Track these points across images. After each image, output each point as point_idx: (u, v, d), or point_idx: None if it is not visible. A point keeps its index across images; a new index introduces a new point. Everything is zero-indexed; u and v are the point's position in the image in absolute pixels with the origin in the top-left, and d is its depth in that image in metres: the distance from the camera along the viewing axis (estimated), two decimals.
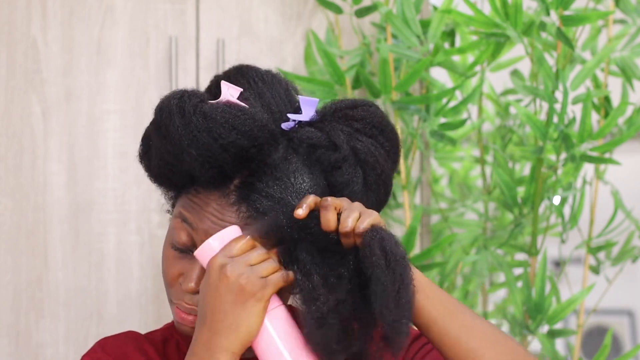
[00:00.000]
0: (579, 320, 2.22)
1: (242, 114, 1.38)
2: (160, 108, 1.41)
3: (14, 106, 2.00)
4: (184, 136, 1.37)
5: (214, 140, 1.37)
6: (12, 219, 1.99)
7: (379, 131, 1.44)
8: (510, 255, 2.33)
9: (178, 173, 1.42)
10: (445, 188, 2.68)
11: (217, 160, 1.38)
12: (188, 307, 1.42)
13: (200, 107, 1.38)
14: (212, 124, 1.37)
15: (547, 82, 2.05)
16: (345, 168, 1.40)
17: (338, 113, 1.44)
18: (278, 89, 1.46)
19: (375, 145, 1.42)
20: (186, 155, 1.38)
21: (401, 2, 2.02)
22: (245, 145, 1.37)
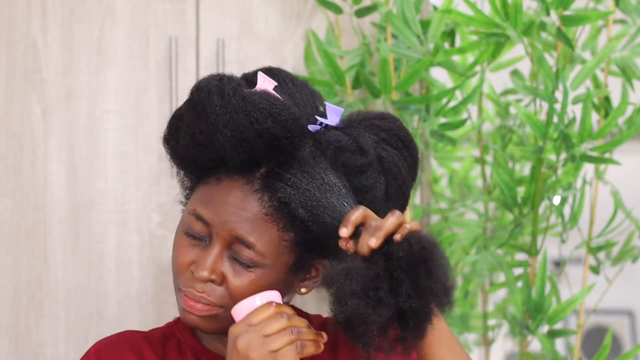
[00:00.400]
0: (579, 320, 2.22)
1: (280, 103, 1.40)
2: (198, 87, 1.41)
3: (14, 106, 2.00)
4: (221, 116, 1.38)
5: (250, 124, 1.38)
6: (12, 219, 1.99)
7: (404, 145, 1.47)
8: (510, 255, 2.33)
9: (207, 154, 1.42)
10: (445, 188, 2.68)
11: (250, 145, 1.38)
12: (198, 294, 1.42)
13: (240, 90, 1.39)
14: (251, 108, 1.38)
15: (547, 82, 2.05)
16: (370, 173, 1.42)
17: (365, 122, 1.47)
18: (306, 92, 1.49)
19: (399, 157, 1.45)
20: (220, 136, 1.38)
21: (401, 2, 2.02)
22: (278, 134, 1.38)
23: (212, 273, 1.41)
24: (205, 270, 1.41)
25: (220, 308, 1.43)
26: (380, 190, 1.42)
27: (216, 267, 1.42)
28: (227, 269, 1.42)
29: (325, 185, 1.39)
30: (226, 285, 1.42)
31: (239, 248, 1.41)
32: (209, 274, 1.41)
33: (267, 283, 1.43)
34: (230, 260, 1.42)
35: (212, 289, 1.42)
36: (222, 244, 1.42)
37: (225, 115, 1.38)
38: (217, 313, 1.43)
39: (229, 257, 1.42)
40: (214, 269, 1.42)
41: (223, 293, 1.42)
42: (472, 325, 2.44)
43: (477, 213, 2.37)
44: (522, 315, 2.11)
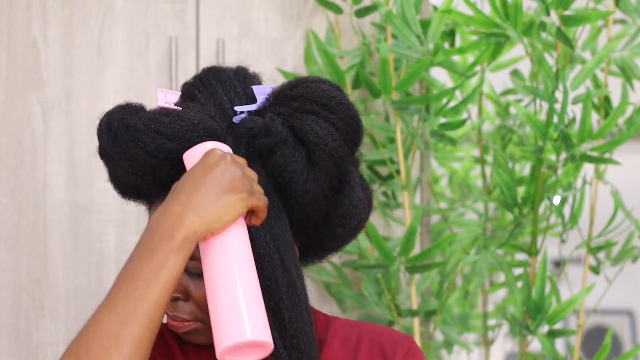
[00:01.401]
0: (579, 320, 2.22)
1: (167, 117, 1.39)
2: (97, 129, 1.43)
3: (14, 106, 2.00)
4: (113, 151, 1.40)
5: (140, 149, 1.38)
6: (12, 219, 1.99)
7: (321, 106, 1.41)
8: (510, 255, 2.33)
9: (127, 187, 1.44)
10: (445, 188, 2.68)
11: (149, 168, 1.39)
12: (171, 314, 1.44)
13: (125, 119, 1.40)
14: (135, 133, 1.38)
15: (547, 82, 2.05)
16: (282, 150, 1.39)
17: (280, 95, 1.43)
18: (235, 85, 1.45)
19: (316, 121, 1.40)
20: (120, 169, 1.40)
21: (401, 2, 2.02)
22: (173, 147, 1.38)
23: (175, 292, 1.42)
24: None
25: (196, 322, 1.44)
26: (298, 164, 1.39)
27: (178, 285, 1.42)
28: (187, 284, 1.42)
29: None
30: (192, 299, 1.42)
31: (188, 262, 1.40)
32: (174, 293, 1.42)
33: None
34: (187, 274, 1.42)
35: (181, 306, 1.43)
36: None
37: (116, 149, 1.39)
38: (196, 327, 1.44)
39: (185, 273, 1.42)
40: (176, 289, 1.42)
41: (192, 307, 1.43)
42: (472, 325, 2.44)
43: (477, 213, 2.37)
44: (522, 315, 2.11)
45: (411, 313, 2.08)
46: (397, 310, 2.09)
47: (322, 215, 1.44)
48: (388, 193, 2.21)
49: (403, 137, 2.12)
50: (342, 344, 1.51)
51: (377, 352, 1.50)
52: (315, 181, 1.40)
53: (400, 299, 2.14)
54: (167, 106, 1.41)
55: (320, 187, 1.41)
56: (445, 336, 2.33)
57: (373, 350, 1.50)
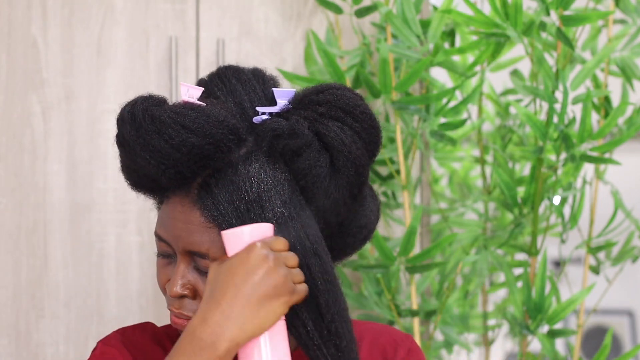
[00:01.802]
0: (579, 320, 2.22)
1: (193, 112, 1.38)
2: (117, 119, 1.42)
3: (14, 106, 2.00)
4: (136, 142, 1.39)
5: (164, 142, 1.37)
6: (12, 219, 1.99)
7: (346, 113, 1.41)
8: (510, 255, 2.33)
9: (143, 179, 1.43)
10: (445, 188, 2.68)
11: (171, 161, 1.38)
12: (177, 311, 1.43)
13: (150, 110, 1.38)
14: (161, 125, 1.37)
15: (547, 82, 2.05)
16: (307, 154, 1.39)
17: (304, 100, 1.43)
18: (254, 85, 1.45)
19: (341, 128, 1.40)
20: (141, 160, 1.39)
21: (401, 2, 2.02)
22: (197, 142, 1.37)
23: (183, 288, 1.42)
24: (175, 287, 1.42)
25: None
26: (322, 168, 1.39)
27: (185, 282, 1.42)
28: (196, 281, 1.42)
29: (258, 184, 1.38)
30: (199, 297, 1.42)
31: (198, 260, 1.41)
32: (180, 290, 1.42)
33: None
34: (197, 272, 1.42)
35: (188, 304, 1.43)
36: (183, 260, 1.42)
37: (139, 140, 1.38)
38: None
39: (195, 269, 1.42)
40: (183, 285, 1.42)
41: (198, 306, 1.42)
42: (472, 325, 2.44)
43: (477, 213, 2.37)
44: (522, 315, 2.12)
45: (411, 313, 2.08)
46: (397, 310, 2.09)
47: (339, 222, 1.44)
48: (388, 193, 2.21)
49: (403, 137, 2.12)
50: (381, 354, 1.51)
51: (378, 352, 1.50)
52: (337, 187, 1.40)
53: (400, 299, 2.14)
54: (192, 101, 1.41)
55: (341, 193, 1.41)
56: (445, 336, 2.33)
57: (373, 351, 1.50)
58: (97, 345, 1.48)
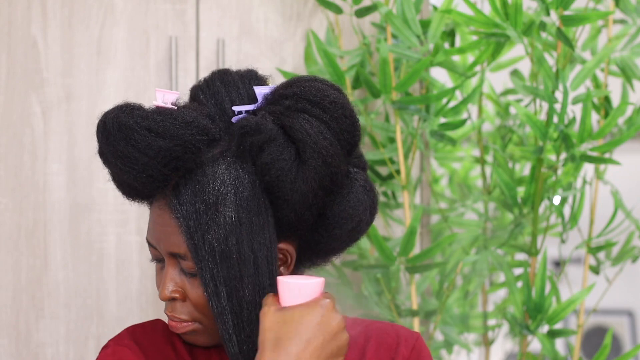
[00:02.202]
0: (579, 320, 2.22)
1: (160, 116, 1.40)
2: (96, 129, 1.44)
3: (14, 106, 2.00)
4: (108, 151, 1.41)
5: (132, 147, 1.39)
6: (12, 219, 2.00)
7: (313, 104, 1.41)
8: (510, 255, 2.33)
9: (124, 187, 1.45)
10: (445, 188, 2.68)
11: (140, 166, 1.39)
12: (170, 315, 1.44)
13: (118, 118, 1.41)
14: (127, 131, 1.39)
15: (547, 82, 2.05)
16: (270, 149, 1.39)
17: (274, 94, 1.43)
18: (239, 86, 1.45)
19: (307, 120, 1.40)
20: (114, 168, 1.42)
21: (401, 2, 2.02)
22: (164, 145, 1.38)
23: (172, 292, 1.43)
24: (164, 291, 1.44)
25: (194, 323, 1.44)
26: (286, 162, 1.39)
27: (173, 285, 1.43)
28: (184, 284, 1.43)
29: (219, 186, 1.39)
30: (189, 300, 1.43)
31: (180, 261, 1.43)
32: (169, 294, 1.43)
33: None
34: (184, 275, 1.43)
35: (180, 306, 1.44)
36: (170, 262, 1.44)
37: (110, 148, 1.40)
38: (194, 328, 1.45)
39: (181, 272, 1.44)
40: (172, 289, 1.43)
41: (190, 308, 1.44)
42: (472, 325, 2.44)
43: (477, 213, 2.37)
44: (522, 315, 2.11)
45: (411, 313, 2.08)
46: (397, 310, 2.09)
47: (314, 214, 1.43)
48: (388, 193, 2.21)
49: (403, 137, 2.11)
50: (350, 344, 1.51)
51: (384, 351, 1.50)
52: (304, 180, 1.40)
53: (400, 299, 2.14)
54: (164, 105, 1.42)
55: (310, 185, 1.40)
56: (445, 336, 2.33)
57: (380, 350, 1.50)
58: (108, 344, 1.48)
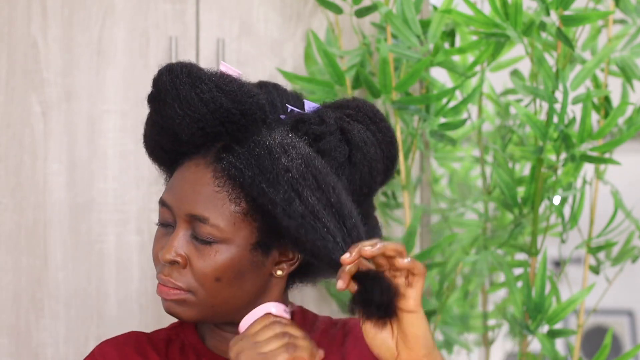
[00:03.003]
0: (579, 320, 2.22)
1: (229, 79, 1.43)
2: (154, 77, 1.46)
3: (14, 106, 2.00)
4: (169, 91, 1.42)
5: (195, 95, 1.41)
6: (12, 219, 1.99)
7: (371, 121, 1.48)
8: (510, 255, 2.33)
9: (165, 135, 1.45)
10: (445, 188, 2.68)
11: (197, 115, 1.41)
12: (164, 278, 1.44)
13: (188, 67, 1.43)
14: (195, 79, 1.41)
15: (547, 82, 2.05)
16: (329, 138, 1.43)
17: (335, 104, 1.50)
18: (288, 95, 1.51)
19: (364, 130, 1.46)
20: (169, 109, 1.42)
21: (401, 2, 2.02)
22: (226, 104, 1.41)
23: (176, 255, 1.42)
24: (168, 253, 1.43)
25: (188, 292, 1.43)
26: (341, 155, 1.43)
27: (178, 249, 1.43)
28: (191, 251, 1.43)
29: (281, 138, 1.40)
30: (190, 268, 1.43)
31: (197, 225, 1.42)
32: (172, 256, 1.42)
33: (232, 263, 1.42)
34: (194, 242, 1.43)
35: (178, 272, 1.43)
36: (182, 225, 1.43)
37: (172, 90, 1.42)
38: (185, 298, 1.44)
39: (191, 238, 1.43)
40: (176, 250, 1.43)
41: (188, 277, 1.43)
42: (472, 325, 2.44)
43: (477, 213, 2.37)
44: (522, 315, 2.11)
45: None
46: None
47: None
48: (388, 193, 2.21)
49: (403, 137, 2.11)
50: (330, 343, 1.51)
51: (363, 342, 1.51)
52: (348, 179, 1.43)
53: None
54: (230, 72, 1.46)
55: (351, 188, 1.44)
56: (445, 336, 2.33)
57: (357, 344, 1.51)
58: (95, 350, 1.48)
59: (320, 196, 1.38)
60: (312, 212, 1.37)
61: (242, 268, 1.43)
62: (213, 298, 1.44)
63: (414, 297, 1.35)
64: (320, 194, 1.38)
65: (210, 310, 1.44)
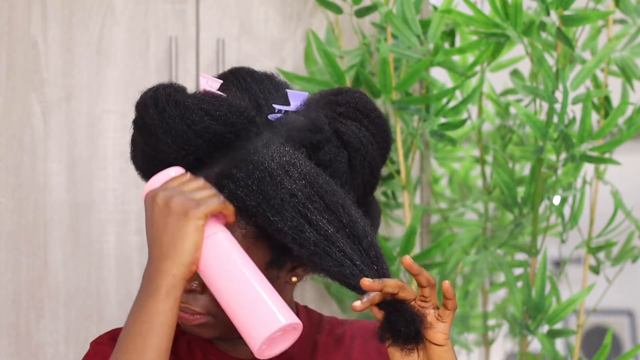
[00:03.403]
0: (579, 320, 2.22)
1: (217, 101, 1.40)
2: (138, 103, 1.42)
3: (14, 106, 2.00)
4: (158, 126, 1.39)
5: (187, 127, 1.38)
6: (12, 219, 1.99)
7: (364, 115, 1.44)
8: (510, 255, 2.33)
9: (159, 165, 1.42)
10: (445, 188, 2.68)
11: (192, 147, 1.38)
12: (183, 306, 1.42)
13: (174, 96, 1.39)
14: (185, 111, 1.38)
15: (547, 82, 2.05)
16: (328, 148, 1.40)
17: (322, 100, 1.45)
18: (268, 85, 1.46)
19: (359, 128, 1.43)
20: (162, 145, 1.39)
21: (401, 2, 2.02)
22: (219, 130, 1.38)
23: (192, 282, 1.41)
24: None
25: (207, 316, 1.43)
26: (342, 164, 1.41)
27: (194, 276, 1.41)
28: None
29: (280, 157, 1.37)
30: (208, 293, 1.42)
31: None
32: (189, 285, 1.41)
33: None
34: None
35: (195, 299, 1.42)
36: None
37: (162, 124, 1.39)
38: (206, 321, 1.43)
39: None
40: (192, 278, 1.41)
41: (206, 301, 1.42)
42: (472, 325, 2.44)
43: (477, 213, 2.37)
44: (522, 315, 2.11)
45: None
46: None
47: None
48: (388, 193, 2.21)
49: (403, 137, 2.11)
50: (336, 343, 1.51)
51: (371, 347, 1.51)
52: (351, 186, 1.41)
53: None
54: (212, 90, 1.42)
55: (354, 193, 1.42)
56: None
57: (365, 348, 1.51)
58: (90, 346, 1.48)
59: (331, 218, 1.35)
60: (325, 237, 1.35)
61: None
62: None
63: (443, 331, 1.34)
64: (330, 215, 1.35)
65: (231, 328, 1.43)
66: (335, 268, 1.34)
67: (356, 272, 1.34)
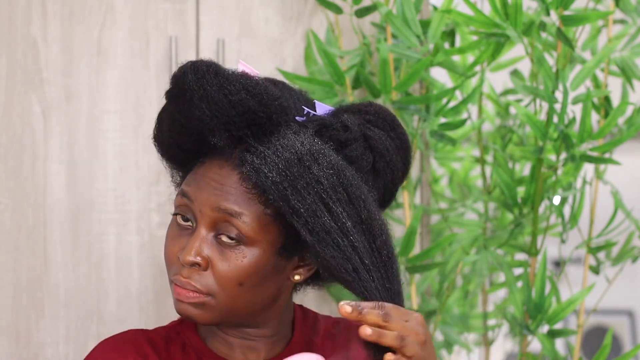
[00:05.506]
0: (579, 320, 2.22)
1: (256, 81, 1.40)
2: (175, 74, 1.43)
3: (14, 106, 2.00)
4: (195, 91, 1.39)
5: (224, 96, 1.38)
6: (12, 219, 2.00)
7: (391, 128, 1.48)
8: (510, 255, 2.33)
9: (188, 135, 1.42)
10: (445, 188, 2.68)
11: (225, 117, 1.38)
12: (184, 280, 1.40)
13: (214, 66, 1.40)
14: (224, 80, 1.39)
15: (547, 82, 2.05)
16: (355, 145, 1.43)
17: (352, 108, 1.49)
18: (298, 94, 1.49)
19: (385, 137, 1.46)
20: (196, 110, 1.39)
21: (401, 2, 2.02)
22: (254, 107, 1.38)
23: (197, 256, 1.39)
24: (189, 254, 1.39)
25: (207, 296, 1.40)
26: (366, 163, 1.43)
27: (201, 250, 1.40)
28: (214, 253, 1.40)
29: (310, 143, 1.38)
30: (212, 271, 1.40)
31: (225, 224, 1.40)
32: (194, 257, 1.39)
33: (256, 267, 1.40)
34: (217, 243, 1.40)
35: (198, 275, 1.40)
36: (206, 226, 1.40)
37: (200, 90, 1.38)
38: (204, 301, 1.41)
39: (215, 240, 1.40)
40: (198, 252, 1.39)
41: (209, 279, 1.40)
42: (472, 325, 2.44)
43: (477, 213, 2.37)
44: (522, 315, 2.12)
45: None
46: None
47: None
48: None
49: None
50: (333, 343, 1.51)
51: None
52: (374, 187, 1.44)
53: None
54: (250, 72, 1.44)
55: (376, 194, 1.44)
56: (445, 336, 2.33)
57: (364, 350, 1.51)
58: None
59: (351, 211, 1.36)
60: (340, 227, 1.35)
61: (266, 272, 1.42)
62: (233, 302, 1.41)
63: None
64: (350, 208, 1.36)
65: (227, 315, 1.42)
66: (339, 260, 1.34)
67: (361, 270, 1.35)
